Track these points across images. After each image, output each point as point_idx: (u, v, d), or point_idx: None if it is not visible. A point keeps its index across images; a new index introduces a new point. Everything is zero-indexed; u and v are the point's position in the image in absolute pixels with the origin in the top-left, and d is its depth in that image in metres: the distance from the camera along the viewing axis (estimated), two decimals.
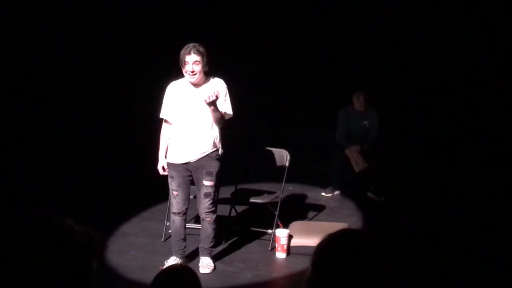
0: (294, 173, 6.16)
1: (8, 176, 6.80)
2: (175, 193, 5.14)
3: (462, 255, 5.47)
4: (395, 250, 1.75)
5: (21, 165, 7.10)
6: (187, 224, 5.88)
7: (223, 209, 6.29)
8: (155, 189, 6.57)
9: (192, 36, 5.39)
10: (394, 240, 5.54)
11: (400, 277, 1.62)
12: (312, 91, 8.73)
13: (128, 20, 8.23)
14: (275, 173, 6.18)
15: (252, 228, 6.02)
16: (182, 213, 5.18)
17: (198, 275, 2.43)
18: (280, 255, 5.57)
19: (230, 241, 5.85)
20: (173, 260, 5.19)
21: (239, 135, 7.42)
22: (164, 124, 5.19)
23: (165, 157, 5.16)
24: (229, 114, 5.11)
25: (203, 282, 2.41)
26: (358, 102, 7.51)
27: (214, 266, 5.25)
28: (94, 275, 1.63)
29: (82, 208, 6.17)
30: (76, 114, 7.93)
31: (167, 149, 5.16)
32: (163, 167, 5.18)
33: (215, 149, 5.07)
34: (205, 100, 4.80)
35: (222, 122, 5.06)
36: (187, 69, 4.93)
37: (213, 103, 4.82)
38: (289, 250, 5.60)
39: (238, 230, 6.05)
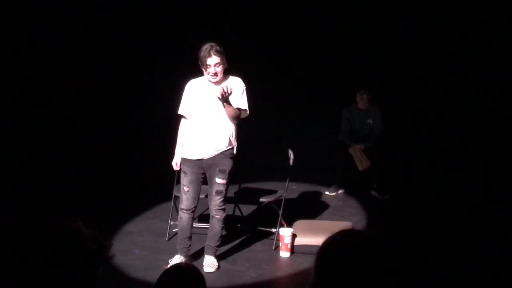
0: (297, 172, 6.16)
1: (15, 175, 6.81)
2: (185, 189, 5.14)
3: (467, 254, 5.46)
4: (399, 249, 1.75)
5: (26, 164, 7.11)
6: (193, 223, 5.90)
7: (227, 208, 6.28)
8: (159, 188, 6.59)
9: (199, 36, 5.40)
10: (398, 238, 5.53)
11: (404, 277, 1.62)
12: (315, 89, 8.71)
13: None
14: (279, 172, 6.18)
15: (256, 227, 6.02)
16: (191, 211, 5.19)
17: (202, 274, 2.43)
18: (284, 254, 5.56)
19: (234, 240, 5.85)
20: (177, 259, 5.19)
21: (243, 134, 7.42)
22: (182, 120, 5.23)
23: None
24: (246, 112, 5.14)
25: (207, 281, 2.41)
26: (361, 101, 7.52)
27: (218, 265, 5.25)
28: (99, 281, 1.63)
29: (86, 207, 6.18)
30: (82, 112, 7.93)
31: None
32: (176, 163, 5.20)
33: (230, 147, 5.10)
34: (218, 97, 4.84)
35: (238, 119, 5.09)
36: (209, 71, 4.98)
37: (226, 99, 4.86)
38: (293, 249, 5.59)
39: (242, 229, 6.05)
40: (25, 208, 6.07)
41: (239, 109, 5.06)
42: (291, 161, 6.00)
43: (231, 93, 4.85)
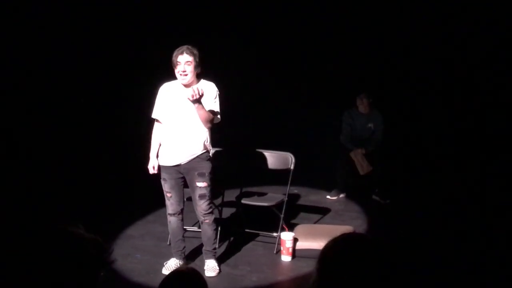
0: (299, 176, 6.16)
1: (16, 179, 6.81)
2: (168, 195, 5.14)
3: (468, 257, 5.45)
4: (401, 253, 1.74)
5: (25, 169, 7.11)
6: (192, 227, 5.89)
7: (228, 212, 6.29)
8: (160, 191, 6.58)
9: (191, 37, 5.39)
10: (399, 242, 5.52)
11: (405, 280, 1.62)
12: (316, 93, 8.73)
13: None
14: (280, 176, 6.18)
15: (258, 231, 6.02)
16: (178, 213, 5.19)
17: (204, 278, 2.43)
18: (286, 258, 5.56)
19: (236, 244, 5.85)
20: (173, 262, 5.21)
21: (244, 138, 7.42)
22: (155, 124, 5.20)
23: (157, 156, 5.15)
24: (217, 117, 5.08)
25: (208, 285, 2.41)
26: (362, 105, 7.52)
27: (220, 269, 5.24)
28: (99, 286, 1.63)
29: (87, 211, 6.19)
30: (81, 116, 7.94)
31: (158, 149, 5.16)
32: (153, 167, 5.15)
33: (205, 151, 5.06)
34: (188, 98, 4.80)
35: (211, 123, 5.04)
36: (179, 69, 4.93)
37: (197, 101, 4.82)
38: (294, 253, 5.59)
39: (243, 233, 6.05)
40: (25, 213, 6.07)
41: (212, 112, 5.01)
42: (292, 165, 6.00)
43: (202, 95, 4.79)
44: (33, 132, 7.41)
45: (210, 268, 5.18)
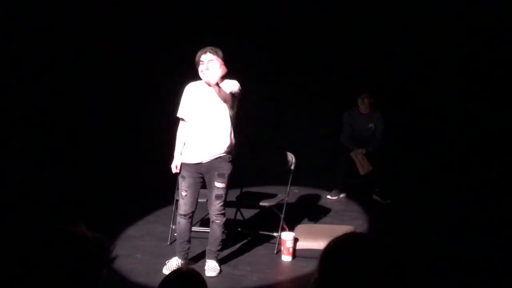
0: (299, 176, 6.15)
1: (17, 180, 6.81)
2: (183, 193, 5.13)
3: (468, 257, 5.45)
4: (401, 252, 1.74)
5: (28, 168, 7.11)
6: (194, 227, 5.89)
7: (229, 212, 6.26)
8: (161, 192, 6.59)
9: (199, 39, 5.40)
10: (400, 242, 5.51)
11: (406, 280, 1.62)
12: (317, 93, 8.73)
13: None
14: (280, 176, 6.18)
15: (258, 231, 6.02)
16: (188, 216, 5.18)
17: (204, 278, 2.43)
18: (286, 258, 5.56)
19: (236, 244, 5.85)
20: (174, 261, 5.20)
21: (244, 138, 7.41)
22: (180, 123, 5.21)
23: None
24: (237, 88, 5.06)
25: (209, 285, 2.41)
26: (363, 105, 7.52)
27: (220, 269, 5.24)
28: (101, 285, 1.63)
29: (88, 211, 6.18)
30: (83, 116, 7.94)
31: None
32: (176, 166, 5.16)
33: (228, 150, 5.09)
34: (206, 82, 4.93)
35: (231, 105, 5.03)
36: (201, 68, 4.98)
37: (215, 83, 4.87)
38: (295, 253, 5.59)
39: (244, 233, 6.05)
40: (27, 212, 6.07)
41: (231, 93, 5.00)
42: (292, 165, 6.00)
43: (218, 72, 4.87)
44: (33, 132, 7.41)
45: (211, 268, 5.17)
